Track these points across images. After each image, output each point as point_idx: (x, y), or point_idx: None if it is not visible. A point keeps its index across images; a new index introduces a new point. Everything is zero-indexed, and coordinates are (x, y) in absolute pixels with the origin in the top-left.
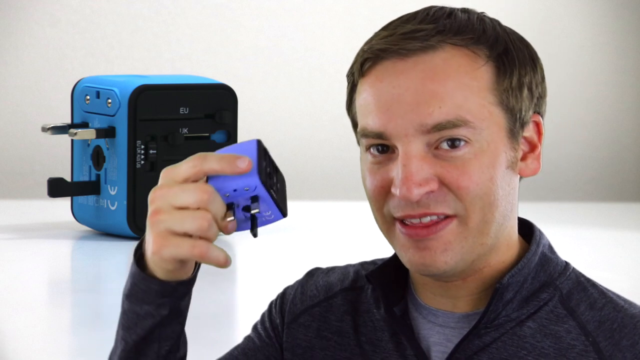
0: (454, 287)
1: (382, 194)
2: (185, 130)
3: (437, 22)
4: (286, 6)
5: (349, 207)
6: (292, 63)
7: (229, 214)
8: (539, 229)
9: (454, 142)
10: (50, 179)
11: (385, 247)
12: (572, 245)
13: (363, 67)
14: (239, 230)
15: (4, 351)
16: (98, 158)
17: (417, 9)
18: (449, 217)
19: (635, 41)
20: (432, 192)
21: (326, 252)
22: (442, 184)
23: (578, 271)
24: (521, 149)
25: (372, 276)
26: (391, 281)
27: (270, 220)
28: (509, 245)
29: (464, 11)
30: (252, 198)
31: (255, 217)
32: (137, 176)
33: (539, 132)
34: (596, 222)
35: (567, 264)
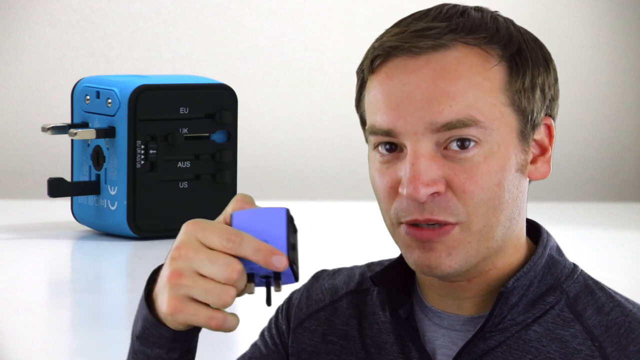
0: (459, 288)
1: (391, 194)
2: (185, 130)
3: (450, 21)
4: (286, 6)
5: (349, 207)
6: (292, 63)
7: (249, 286)
8: (546, 231)
9: (463, 143)
10: (50, 179)
11: (386, 247)
12: (572, 245)
13: (373, 64)
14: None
15: (4, 351)
16: (98, 158)
17: (418, 9)
18: (450, 224)
19: (635, 41)
20: (438, 195)
21: (326, 252)
22: (448, 187)
23: (586, 274)
24: (531, 151)
25: (377, 278)
26: (397, 283)
27: (284, 285)
28: (516, 248)
29: (477, 10)
30: (274, 274)
31: (271, 287)
32: (137, 176)
33: (550, 135)
34: (596, 222)
35: (575, 266)
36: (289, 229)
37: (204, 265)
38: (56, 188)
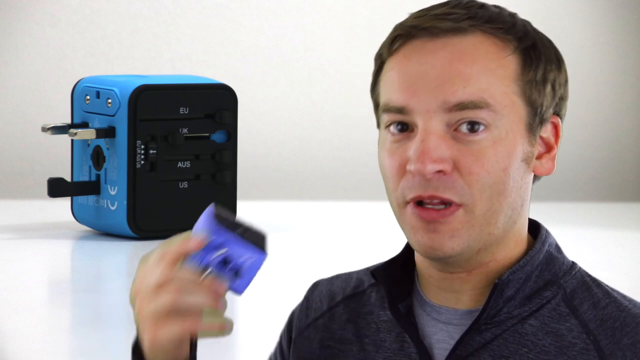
0: (458, 280)
1: (400, 173)
2: (185, 130)
3: (470, 10)
4: (286, 6)
5: (349, 207)
6: (292, 63)
7: (205, 273)
8: (546, 229)
9: (473, 126)
10: (50, 179)
11: (386, 248)
12: (572, 245)
13: (393, 45)
14: (237, 289)
15: (4, 351)
16: (98, 158)
17: (418, 9)
18: (455, 205)
19: (635, 41)
20: (444, 175)
21: (326, 252)
22: (455, 168)
23: (585, 271)
24: (537, 148)
25: (377, 272)
26: (397, 279)
27: (255, 264)
28: (517, 242)
29: (496, 6)
30: (224, 254)
31: (238, 267)
32: (137, 176)
33: (556, 135)
34: (596, 222)
35: (574, 263)
36: (215, 213)
37: (152, 303)
38: (56, 188)
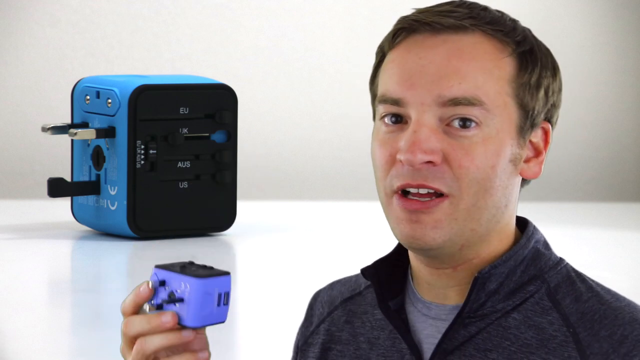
0: (444, 276)
1: (389, 162)
2: (185, 130)
3: (473, 10)
4: (286, 6)
5: (349, 207)
6: (292, 63)
7: (151, 307)
8: (534, 225)
9: (465, 122)
10: (50, 179)
11: (386, 248)
12: (572, 245)
13: (395, 38)
14: (190, 319)
15: (4, 351)
16: (98, 158)
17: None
18: (442, 196)
19: (635, 41)
20: (433, 165)
21: (326, 252)
22: (445, 160)
23: (571, 267)
24: (527, 152)
25: (366, 270)
26: (387, 276)
27: (193, 291)
28: (501, 240)
29: (498, 11)
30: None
31: (181, 297)
32: (137, 176)
33: (546, 140)
34: (596, 222)
35: (561, 259)
36: (158, 268)
37: (134, 327)
38: (56, 188)
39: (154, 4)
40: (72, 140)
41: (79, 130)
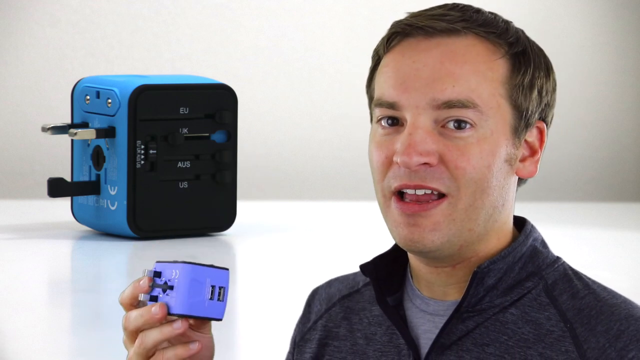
0: (444, 274)
1: (386, 164)
2: (185, 130)
3: (465, 13)
4: (286, 6)
5: (349, 207)
6: (292, 63)
7: (141, 303)
8: (531, 224)
9: (459, 124)
10: (50, 179)
11: (386, 247)
12: (572, 245)
13: (389, 43)
14: (179, 305)
15: (4, 351)
16: (98, 158)
17: (418, 9)
18: (440, 197)
19: (635, 41)
20: (430, 167)
21: (326, 252)
22: (441, 161)
23: (568, 265)
24: (522, 151)
25: (364, 266)
26: (386, 272)
27: (182, 276)
28: (499, 238)
29: (491, 13)
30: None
31: (172, 284)
32: (137, 176)
33: (541, 140)
34: (596, 222)
35: (558, 258)
36: (157, 264)
37: (132, 322)
38: (56, 188)
39: (154, 4)
40: (72, 140)
41: (79, 130)
